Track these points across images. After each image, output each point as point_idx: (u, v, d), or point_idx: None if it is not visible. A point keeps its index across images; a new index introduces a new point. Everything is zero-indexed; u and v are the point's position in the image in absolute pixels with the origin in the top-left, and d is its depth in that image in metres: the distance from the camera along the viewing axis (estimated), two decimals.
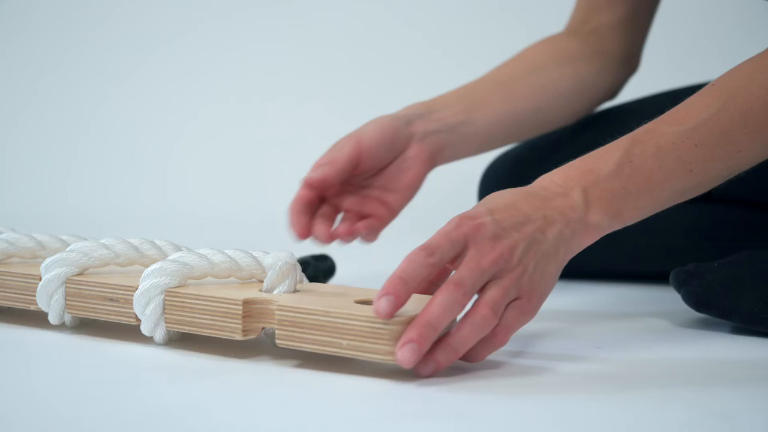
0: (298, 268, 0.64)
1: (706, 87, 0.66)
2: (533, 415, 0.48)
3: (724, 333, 0.70)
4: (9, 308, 0.78)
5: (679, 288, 0.73)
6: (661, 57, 1.77)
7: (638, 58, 0.98)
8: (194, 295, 0.60)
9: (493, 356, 0.60)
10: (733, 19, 1.71)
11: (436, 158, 0.84)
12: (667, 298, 0.76)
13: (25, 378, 0.58)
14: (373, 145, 0.78)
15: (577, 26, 0.97)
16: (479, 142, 0.88)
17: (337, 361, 0.59)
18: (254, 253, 0.64)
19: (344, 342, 0.54)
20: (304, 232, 0.78)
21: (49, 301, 0.66)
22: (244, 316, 0.58)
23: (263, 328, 0.59)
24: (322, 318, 0.55)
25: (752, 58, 0.67)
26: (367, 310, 0.54)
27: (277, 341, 0.57)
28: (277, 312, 0.57)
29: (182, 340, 0.66)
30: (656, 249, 0.98)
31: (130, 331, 0.69)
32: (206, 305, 0.59)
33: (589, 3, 0.97)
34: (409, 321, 0.53)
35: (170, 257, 0.63)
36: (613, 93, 0.99)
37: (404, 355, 0.52)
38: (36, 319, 0.74)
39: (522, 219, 0.58)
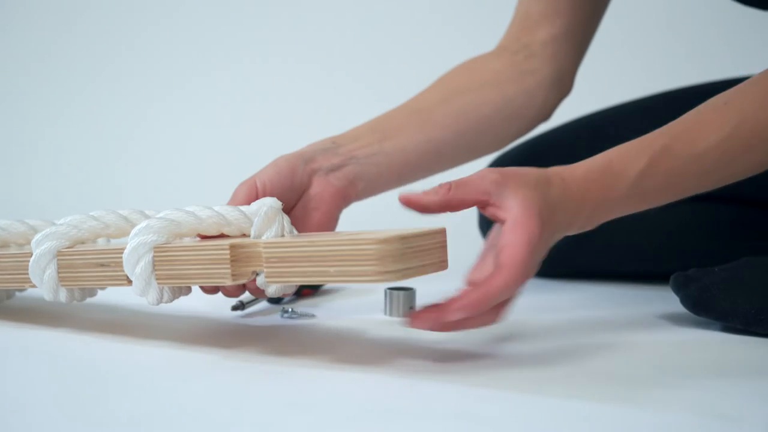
0: (286, 217, 0.63)
1: (718, 103, 0.66)
2: (533, 415, 0.48)
3: (723, 333, 0.69)
4: (9, 307, 0.78)
5: (677, 292, 0.73)
6: (662, 56, 1.78)
7: (571, 79, 0.93)
8: (182, 247, 0.60)
9: (493, 356, 0.61)
10: (732, 22, 1.72)
11: (348, 193, 0.78)
12: (666, 298, 0.75)
13: (24, 377, 0.57)
14: (268, 187, 0.72)
15: (508, 44, 0.92)
16: (397, 172, 0.82)
17: (337, 360, 0.59)
18: (242, 208, 0.64)
19: (332, 269, 0.53)
20: (211, 290, 0.69)
21: (42, 275, 0.66)
22: (232, 261, 0.57)
23: (255, 272, 0.58)
24: (307, 249, 0.54)
25: (763, 76, 0.67)
26: (350, 234, 0.54)
27: (266, 279, 0.56)
28: (263, 250, 0.56)
29: (181, 339, 0.66)
30: (655, 249, 0.98)
31: (129, 331, 0.69)
32: (194, 255, 0.59)
33: (524, 19, 0.92)
34: (393, 238, 0.52)
35: (157, 215, 0.63)
36: (546, 115, 0.93)
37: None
38: (35, 317, 0.74)
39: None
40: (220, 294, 0.67)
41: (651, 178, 0.63)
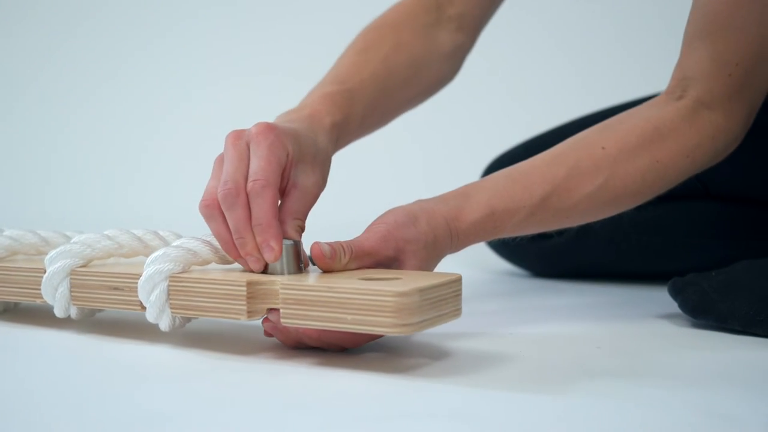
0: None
1: (596, 147, 0.71)
2: (533, 415, 0.48)
3: (723, 333, 0.70)
4: (13, 307, 0.78)
5: (675, 296, 0.73)
6: (659, 57, 1.77)
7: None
8: (198, 279, 0.60)
9: (493, 356, 0.61)
10: None
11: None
12: (666, 298, 0.76)
13: (25, 377, 0.57)
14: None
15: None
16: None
17: (336, 360, 0.59)
18: None
19: (349, 317, 0.54)
20: None
21: (54, 293, 0.66)
22: (248, 297, 0.58)
23: (270, 308, 0.59)
24: (326, 294, 0.55)
25: (641, 120, 0.72)
26: (371, 285, 0.54)
27: (282, 320, 0.57)
28: (281, 290, 0.56)
29: (181, 340, 0.66)
30: (655, 248, 0.98)
31: (130, 331, 0.69)
32: (210, 288, 0.59)
33: None
34: (411, 291, 0.53)
35: (174, 243, 0.63)
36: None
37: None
38: (37, 317, 0.74)
39: None
40: None
41: (526, 226, 0.70)
